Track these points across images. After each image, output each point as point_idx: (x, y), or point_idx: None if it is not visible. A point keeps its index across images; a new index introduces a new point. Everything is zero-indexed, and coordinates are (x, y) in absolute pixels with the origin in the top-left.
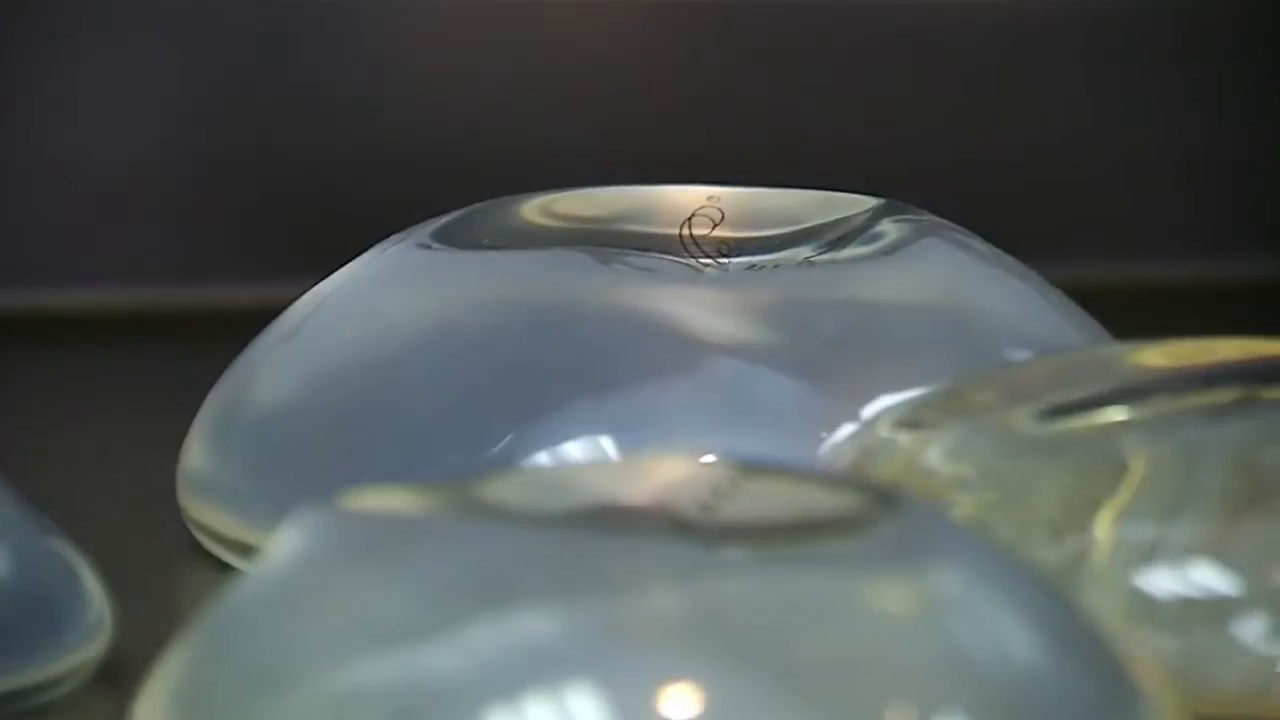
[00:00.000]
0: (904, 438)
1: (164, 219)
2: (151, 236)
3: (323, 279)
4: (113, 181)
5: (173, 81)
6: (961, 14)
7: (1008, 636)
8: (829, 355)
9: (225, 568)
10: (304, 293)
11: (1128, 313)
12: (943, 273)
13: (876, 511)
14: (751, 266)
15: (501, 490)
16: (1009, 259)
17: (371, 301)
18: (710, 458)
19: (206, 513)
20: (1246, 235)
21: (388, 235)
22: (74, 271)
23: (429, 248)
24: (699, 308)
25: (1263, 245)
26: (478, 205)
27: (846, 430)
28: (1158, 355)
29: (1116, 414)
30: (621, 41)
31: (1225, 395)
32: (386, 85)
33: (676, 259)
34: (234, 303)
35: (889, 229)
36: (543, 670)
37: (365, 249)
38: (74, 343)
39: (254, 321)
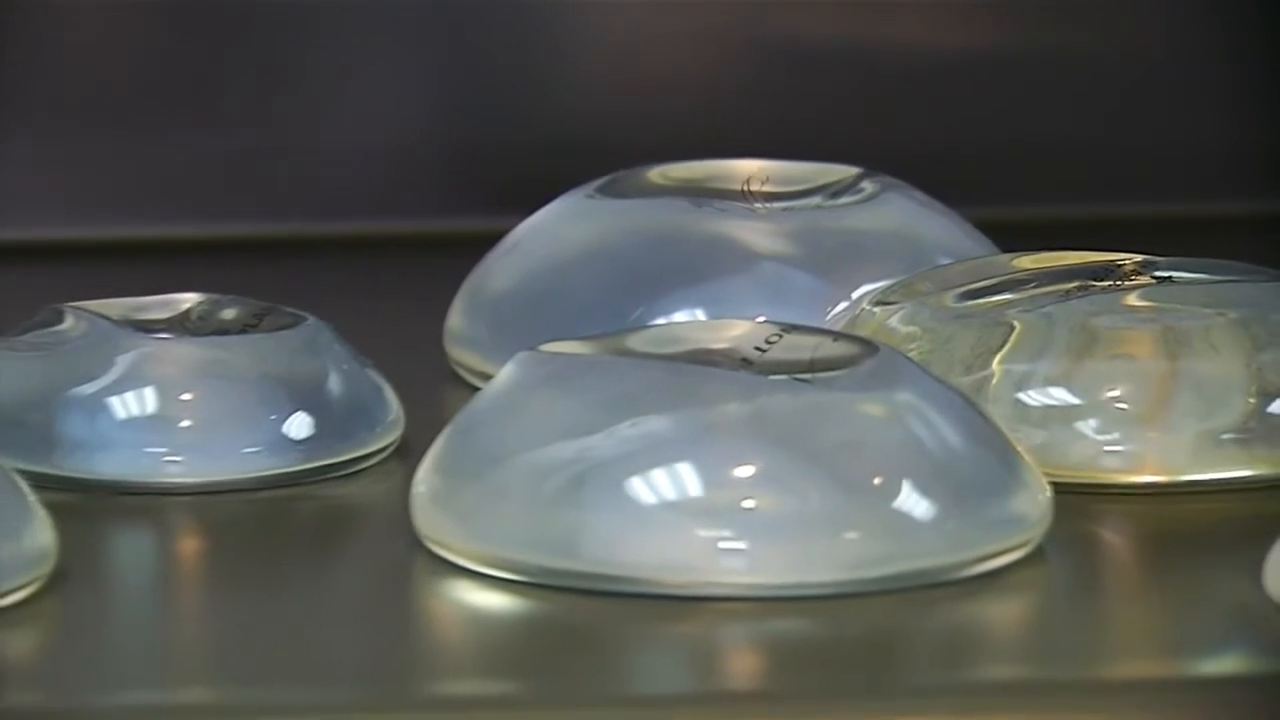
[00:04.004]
0: (877, 310)
1: (435, 177)
2: (428, 188)
3: (530, 215)
4: (408, 155)
5: (432, 81)
6: (933, 52)
7: (943, 430)
8: (832, 260)
9: (471, 389)
10: (519, 224)
11: (1017, 237)
12: (899, 211)
13: (862, 355)
14: (786, 209)
15: (636, 341)
16: (939, 204)
17: (559, 229)
18: (761, 320)
19: (461, 354)
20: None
21: (568, 190)
22: (377, 208)
23: (593, 197)
24: (754, 233)
25: (1101, 191)
26: (621, 172)
27: (842, 306)
28: (1029, 262)
29: (1004, 296)
30: (708, 73)
31: (1070, 285)
32: (577, 93)
33: (740, 204)
34: (478, 229)
35: (867, 186)
36: (660, 452)
37: (554, 198)
38: (377, 256)
39: (489, 240)
